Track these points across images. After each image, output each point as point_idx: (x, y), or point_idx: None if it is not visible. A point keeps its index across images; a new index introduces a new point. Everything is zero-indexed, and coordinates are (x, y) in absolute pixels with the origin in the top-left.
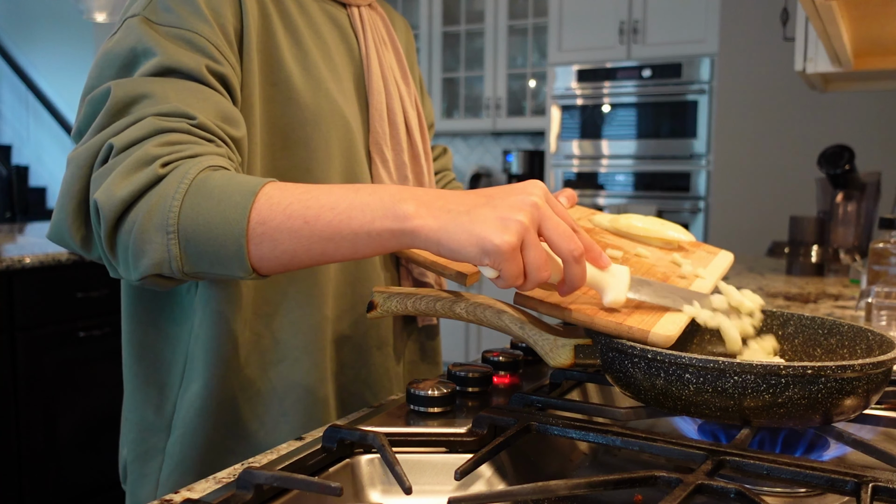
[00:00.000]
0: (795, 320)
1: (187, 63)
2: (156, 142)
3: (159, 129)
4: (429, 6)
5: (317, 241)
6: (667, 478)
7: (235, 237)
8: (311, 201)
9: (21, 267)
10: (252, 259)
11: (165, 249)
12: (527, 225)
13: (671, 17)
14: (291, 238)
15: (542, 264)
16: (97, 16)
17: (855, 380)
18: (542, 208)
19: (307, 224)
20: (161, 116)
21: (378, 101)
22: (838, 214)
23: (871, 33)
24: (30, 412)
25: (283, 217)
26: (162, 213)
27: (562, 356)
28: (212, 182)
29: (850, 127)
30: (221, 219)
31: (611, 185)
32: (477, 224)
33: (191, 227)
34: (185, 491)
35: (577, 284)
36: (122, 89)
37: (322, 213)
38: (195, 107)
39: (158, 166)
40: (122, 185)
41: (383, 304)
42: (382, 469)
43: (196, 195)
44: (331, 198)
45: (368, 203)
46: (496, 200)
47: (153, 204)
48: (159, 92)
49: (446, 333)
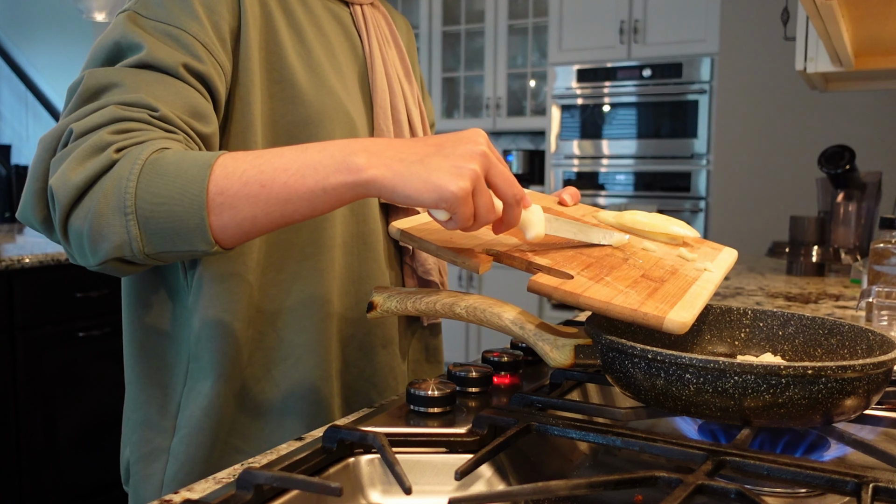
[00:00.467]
0: (796, 320)
1: (164, 59)
2: (112, 129)
3: (118, 117)
4: (429, 6)
5: (274, 204)
6: (667, 478)
7: (196, 209)
8: (264, 165)
9: (21, 267)
10: (214, 230)
11: (125, 231)
12: (478, 172)
13: (671, 17)
14: (250, 204)
15: (491, 207)
16: (97, 16)
17: (855, 380)
18: (489, 157)
19: (263, 188)
20: (123, 105)
21: (382, 99)
22: (839, 214)
23: (872, 33)
24: (30, 412)
25: (239, 184)
26: (118, 196)
27: (562, 356)
28: (165, 160)
29: (851, 127)
30: (179, 194)
31: (611, 184)
32: (432, 172)
33: (148, 207)
34: (185, 491)
35: (513, 223)
36: (94, 77)
37: (276, 176)
38: (162, 99)
39: (112, 151)
40: (76, 171)
41: (383, 304)
42: (382, 469)
43: (150, 174)
44: (282, 160)
45: (320, 160)
46: (447, 149)
47: (107, 188)
48: (129, 82)
49: (446, 333)
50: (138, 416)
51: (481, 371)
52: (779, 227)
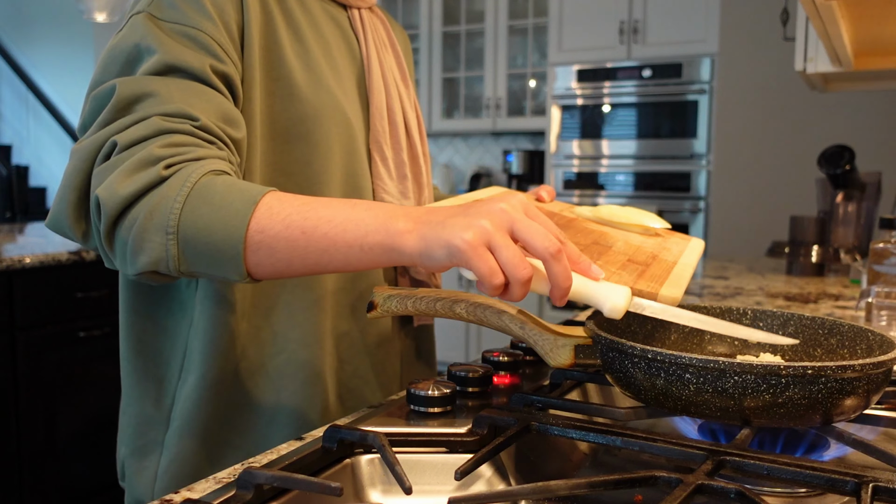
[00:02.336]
0: (796, 320)
1: (190, 62)
2: (160, 143)
3: (163, 129)
4: (429, 6)
5: (312, 252)
6: (667, 478)
7: (234, 243)
8: (309, 213)
9: (21, 267)
10: (248, 265)
11: (164, 249)
12: (489, 228)
13: (671, 17)
14: (288, 247)
15: (518, 262)
16: (97, 16)
17: (855, 380)
18: (510, 212)
19: (304, 234)
20: (165, 117)
21: (378, 101)
22: (838, 214)
23: (872, 33)
24: (30, 412)
25: (281, 227)
26: (163, 214)
27: (562, 356)
28: (214, 187)
29: (851, 127)
30: (221, 224)
31: (611, 185)
32: (447, 230)
33: (190, 230)
34: (185, 491)
35: (562, 284)
36: (127, 87)
37: (319, 225)
38: (198, 107)
39: (162, 168)
40: (125, 184)
41: (383, 304)
42: (382, 469)
43: (198, 199)
44: (328, 210)
45: (363, 218)
46: (471, 209)
47: (155, 204)
48: (163, 91)
49: (446, 333)
50: (133, 409)
51: (481, 371)
52: (779, 227)
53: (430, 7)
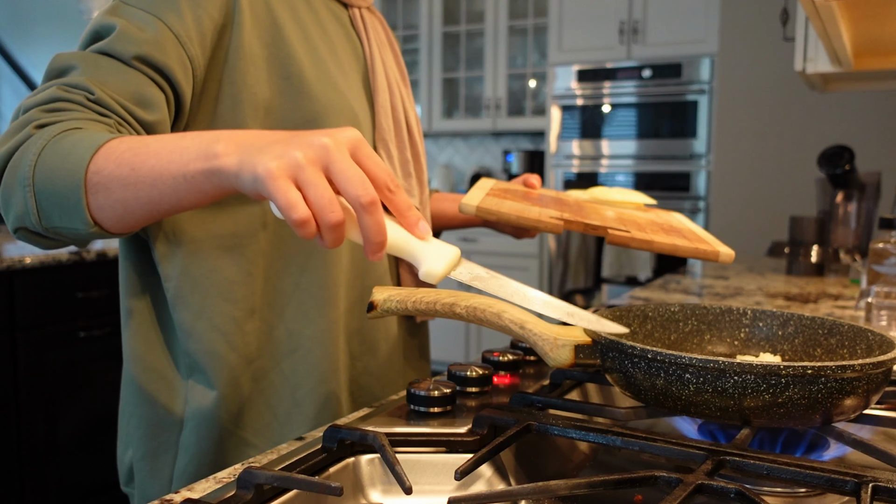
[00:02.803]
0: (795, 320)
1: (121, 49)
2: (44, 108)
3: (55, 97)
4: (429, 6)
5: (142, 188)
6: (667, 478)
7: (74, 187)
8: (140, 149)
9: (21, 267)
10: (91, 210)
11: (24, 203)
12: (300, 161)
13: (671, 17)
14: (121, 186)
15: (325, 204)
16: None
17: (855, 380)
18: (331, 150)
19: (134, 171)
20: (64, 87)
21: (383, 99)
22: (838, 214)
23: (871, 33)
24: (31, 412)
25: (114, 165)
26: (22, 169)
27: (562, 356)
28: (68, 138)
29: (850, 127)
30: (64, 171)
31: (611, 185)
32: (259, 156)
33: (41, 181)
34: (185, 491)
35: (372, 238)
36: (58, 60)
37: (147, 159)
38: (108, 84)
39: (32, 127)
40: (2, 145)
41: (383, 304)
42: (382, 469)
43: (51, 151)
44: (158, 144)
45: (188, 146)
46: (294, 138)
47: (16, 160)
48: (85, 65)
49: (446, 333)
50: (142, 412)
51: (481, 371)
52: (778, 227)
53: (430, 7)
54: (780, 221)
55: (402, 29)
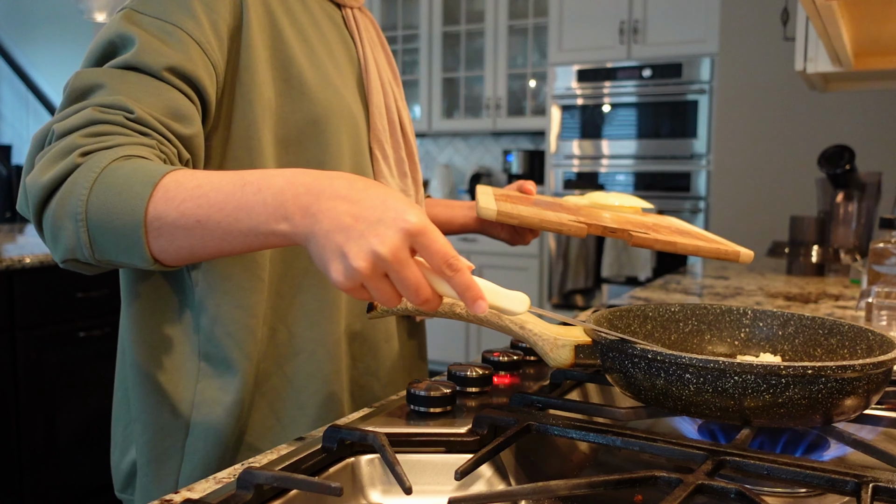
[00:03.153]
0: (796, 320)
1: (149, 61)
2: (84, 132)
3: (93, 119)
4: (429, 6)
5: (210, 240)
6: (667, 478)
7: (135, 228)
8: (201, 199)
9: (21, 267)
10: (152, 251)
11: (76, 236)
12: (364, 274)
13: (671, 17)
14: (186, 236)
15: (391, 297)
16: (97, 16)
17: (855, 380)
18: (388, 260)
19: (199, 224)
20: (100, 108)
21: (378, 100)
22: (838, 214)
23: (872, 33)
24: (30, 412)
25: (176, 214)
26: (73, 202)
27: (562, 356)
28: (120, 171)
29: (851, 127)
30: (122, 209)
31: (611, 185)
32: (327, 253)
33: (96, 216)
34: (185, 491)
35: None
36: (81, 78)
37: (212, 214)
38: (143, 101)
39: (77, 155)
40: (46, 173)
41: (383, 305)
42: (382, 469)
43: (103, 184)
44: (219, 196)
45: (254, 206)
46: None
47: (66, 192)
48: (113, 83)
49: (446, 333)
50: (147, 417)
51: (481, 371)
52: (779, 227)
53: (430, 7)
54: (781, 221)
55: (402, 29)
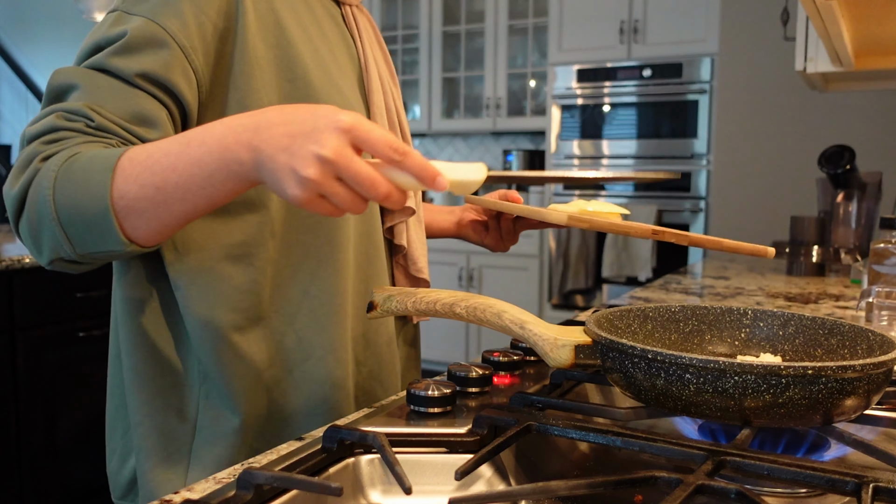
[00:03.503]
0: (796, 320)
1: (121, 66)
2: (44, 139)
3: (54, 126)
4: (429, 6)
5: (174, 203)
6: (667, 478)
7: (102, 214)
8: (155, 167)
9: (21, 267)
10: (126, 232)
11: (54, 236)
12: (318, 182)
13: (671, 17)
14: (151, 205)
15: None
16: (97, 16)
17: (856, 380)
18: (335, 162)
19: (159, 190)
20: (63, 114)
21: (378, 99)
22: (839, 214)
23: (872, 33)
24: (30, 412)
25: (136, 188)
26: (42, 205)
27: (562, 356)
28: (77, 164)
29: (851, 127)
30: (87, 198)
31: (611, 184)
32: (280, 173)
33: (66, 212)
34: (185, 491)
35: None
36: (58, 77)
37: (168, 177)
38: (107, 106)
39: (38, 161)
40: (14, 185)
41: (383, 305)
42: (382, 469)
43: (64, 179)
44: (169, 158)
45: (202, 157)
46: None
47: (32, 197)
48: (86, 85)
49: (446, 333)
50: (153, 422)
51: (481, 371)
52: (779, 227)
53: (430, 7)
54: (781, 221)
55: (402, 29)
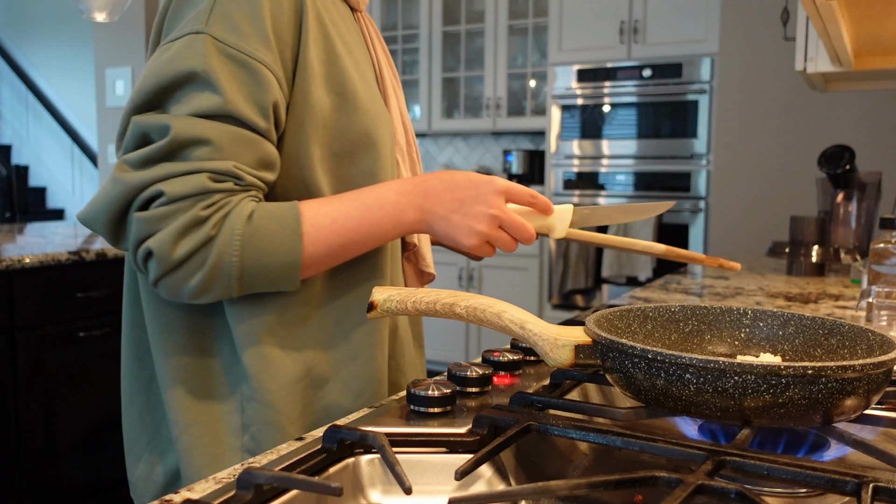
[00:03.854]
0: (796, 320)
1: (244, 111)
2: (203, 204)
3: (208, 189)
4: (429, 6)
5: (350, 254)
6: (667, 478)
7: (292, 275)
8: (340, 231)
9: (21, 267)
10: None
11: (229, 291)
12: (487, 232)
13: (671, 17)
14: (332, 260)
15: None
16: (97, 16)
17: (855, 380)
18: (499, 217)
19: (343, 248)
20: (212, 175)
21: (393, 105)
22: (839, 214)
23: (872, 33)
24: (30, 412)
25: (325, 249)
26: (225, 269)
27: (562, 356)
28: (259, 231)
29: (851, 127)
30: (278, 264)
31: (611, 185)
32: (454, 229)
33: (251, 276)
34: (185, 491)
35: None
36: (182, 130)
37: (351, 237)
38: (242, 159)
39: (210, 228)
40: (177, 247)
41: (383, 304)
42: (382, 469)
43: (252, 248)
44: (352, 222)
45: (380, 220)
46: (466, 207)
47: (215, 262)
48: (215, 139)
49: (446, 333)
50: (207, 418)
51: (481, 371)
52: (779, 227)
53: (430, 7)
54: (781, 221)
55: (402, 29)
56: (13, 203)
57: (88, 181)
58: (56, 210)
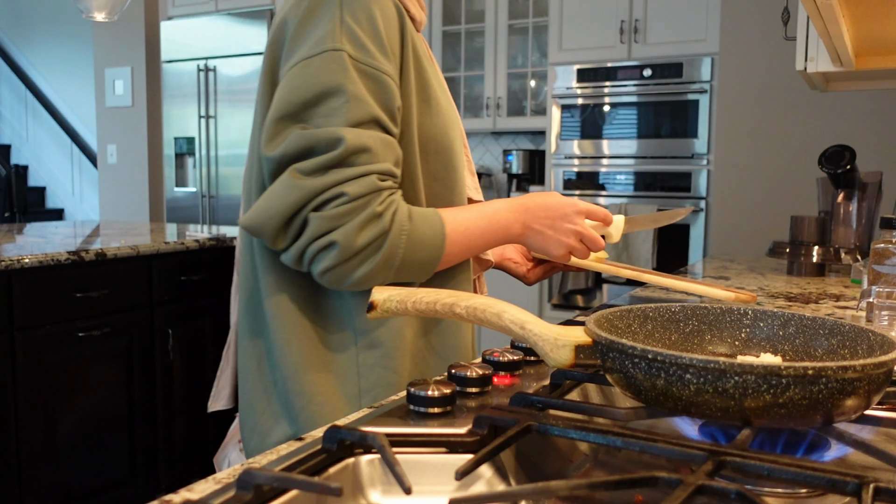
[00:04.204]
0: (796, 321)
1: (382, 116)
2: (377, 201)
3: (378, 188)
4: (429, 6)
5: (469, 256)
6: (667, 478)
7: (431, 269)
8: (470, 238)
9: (20, 267)
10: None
11: (385, 279)
12: (573, 245)
13: (672, 17)
14: (457, 260)
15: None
16: (97, 15)
17: (856, 380)
18: (580, 233)
19: (468, 250)
20: (379, 175)
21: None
22: (839, 214)
23: (873, 32)
24: (29, 412)
25: (458, 249)
26: (392, 260)
27: (562, 356)
28: (415, 232)
29: (852, 126)
30: (428, 259)
31: (611, 184)
32: (548, 243)
33: (406, 266)
34: (184, 491)
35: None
36: (352, 141)
37: (475, 243)
38: (390, 159)
39: (387, 222)
40: (359, 237)
41: (383, 304)
42: (382, 469)
43: (412, 247)
44: (478, 231)
45: (496, 232)
46: (557, 224)
47: (385, 254)
48: (373, 146)
49: None
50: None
51: (481, 371)
52: (779, 227)
53: (430, 7)
54: (781, 221)
55: None
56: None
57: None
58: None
